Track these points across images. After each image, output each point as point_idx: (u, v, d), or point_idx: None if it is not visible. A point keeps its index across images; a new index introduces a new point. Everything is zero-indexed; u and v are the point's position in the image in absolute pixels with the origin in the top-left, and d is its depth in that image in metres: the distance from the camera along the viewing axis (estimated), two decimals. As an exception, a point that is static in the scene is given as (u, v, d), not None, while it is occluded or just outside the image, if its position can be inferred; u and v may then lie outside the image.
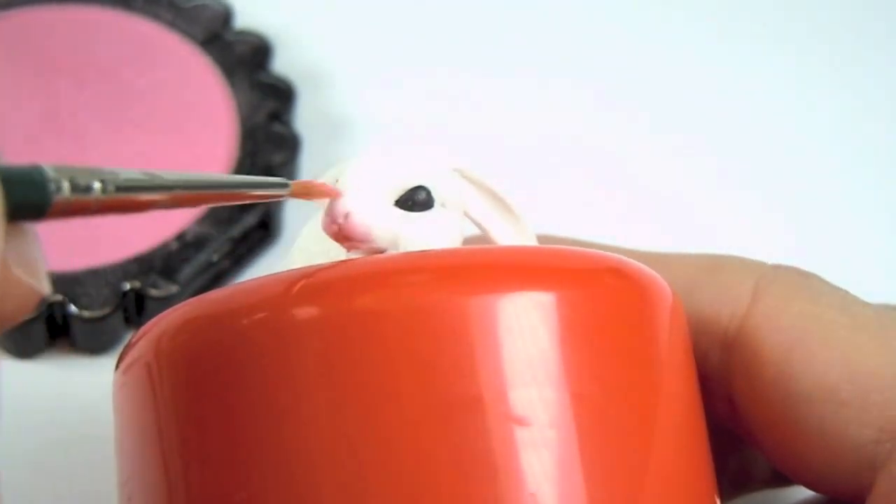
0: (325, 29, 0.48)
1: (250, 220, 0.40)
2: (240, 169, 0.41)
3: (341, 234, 0.25)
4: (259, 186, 0.25)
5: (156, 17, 0.45)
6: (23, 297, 0.21)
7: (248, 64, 0.44)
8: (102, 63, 0.43)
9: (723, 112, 0.47)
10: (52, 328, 0.39)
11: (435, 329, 0.23)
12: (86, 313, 0.38)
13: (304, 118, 0.44)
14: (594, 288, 0.24)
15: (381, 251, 0.26)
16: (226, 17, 0.45)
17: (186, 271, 0.39)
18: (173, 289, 0.39)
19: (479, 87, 0.47)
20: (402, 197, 0.26)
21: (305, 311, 0.23)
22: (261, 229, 0.41)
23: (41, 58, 0.43)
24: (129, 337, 0.39)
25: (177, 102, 0.43)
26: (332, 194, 0.26)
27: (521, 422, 0.22)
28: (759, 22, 0.50)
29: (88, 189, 0.21)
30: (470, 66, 0.47)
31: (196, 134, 0.42)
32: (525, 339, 0.23)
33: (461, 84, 0.47)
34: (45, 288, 0.21)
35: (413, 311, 0.23)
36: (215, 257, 0.40)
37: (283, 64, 0.45)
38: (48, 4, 0.45)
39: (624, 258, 0.26)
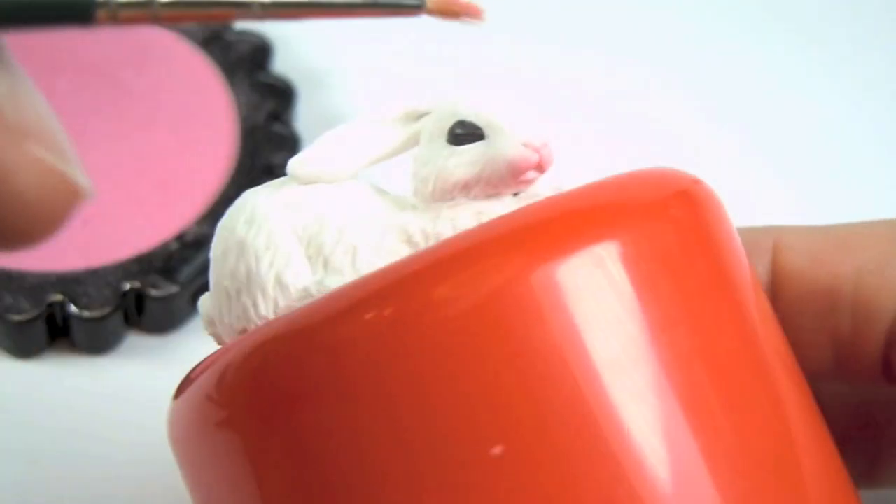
0: (325, 29, 0.48)
1: (250, 220, 0.41)
2: (240, 168, 0.41)
3: (538, 164, 0.24)
4: (390, 5, 0.23)
5: (156, 17, 0.45)
6: (52, 183, 0.19)
7: (248, 64, 0.44)
8: (102, 63, 0.43)
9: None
10: (52, 328, 0.39)
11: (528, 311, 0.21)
12: (86, 313, 0.38)
13: (304, 118, 0.44)
14: (665, 219, 0.24)
15: (526, 187, 0.24)
16: (226, 17, 0.45)
17: (186, 271, 0.39)
18: (173, 289, 0.39)
19: (479, 86, 0.47)
20: None
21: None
22: (261, 229, 0.41)
23: (41, 58, 0.43)
24: (128, 337, 0.40)
25: (177, 102, 0.43)
26: (473, 11, 0.24)
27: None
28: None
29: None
30: (470, 65, 0.47)
31: (196, 134, 0.42)
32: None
33: (461, 84, 0.47)
34: (88, 185, 0.19)
35: (500, 297, 0.21)
36: (215, 257, 0.40)
37: (283, 64, 0.45)
38: (48, 4, 0.45)
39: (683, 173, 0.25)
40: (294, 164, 0.25)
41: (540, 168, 0.24)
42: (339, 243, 0.24)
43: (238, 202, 0.26)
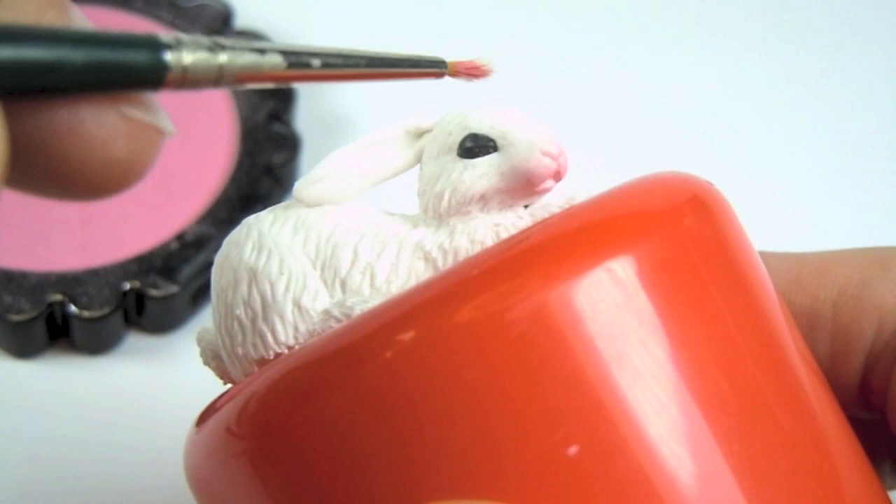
0: (324, 29, 0.48)
1: (250, 220, 0.41)
2: (240, 168, 0.41)
3: (556, 173, 0.24)
4: (415, 65, 0.24)
5: (156, 17, 0.45)
6: (139, 139, 0.20)
7: (248, 64, 0.44)
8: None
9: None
10: (52, 328, 0.39)
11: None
12: (86, 313, 0.38)
13: (304, 118, 0.44)
14: (679, 226, 0.23)
15: (540, 197, 0.24)
16: (226, 17, 0.45)
17: (186, 271, 0.39)
18: (173, 289, 0.39)
19: (479, 85, 0.47)
20: None
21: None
22: (261, 229, 0.41)
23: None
24: (128, 337, 0.40)
25: (177, 102, 0.43)
26: (486, 72, 0.25)
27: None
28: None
29: (211, 65, 0.20)
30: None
31: (196, 134, 0.42)
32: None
33: (462, 83, 0.47)
34: (168, 126, 0.21)
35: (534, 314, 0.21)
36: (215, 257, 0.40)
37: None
38: (48, 4, 0.45)
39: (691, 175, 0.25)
40: (299, 186, 0.25)
41: (557, 176, 0.24)
42: (355, 264, 0.24)
43: (239, 230, 0.25)
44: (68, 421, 0.38)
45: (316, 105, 0.45)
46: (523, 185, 0.24)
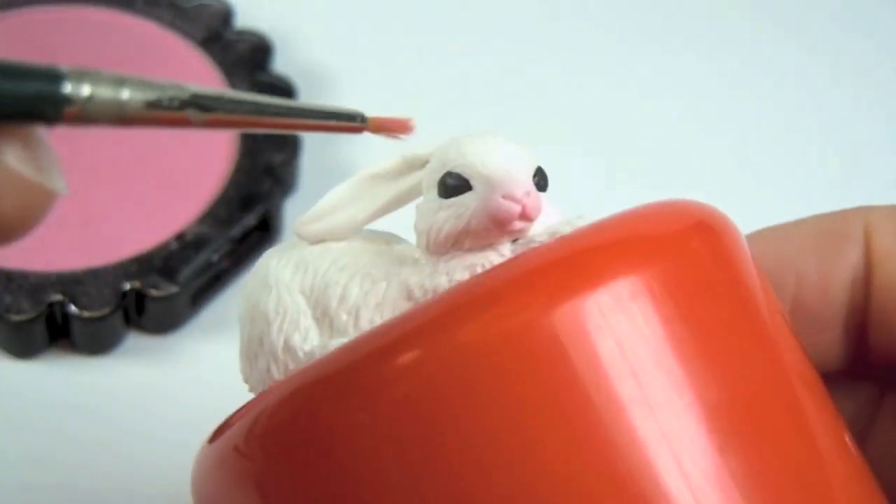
0: (325, 29, 0.48)
1: (250, 220, 0.40)
2: (240, 168, 0.41)
3: (523, 214, 0.23)
4: (334, 117, 0.23)
5: (156, 17, 0.45)
6: (27, 196, 0.19)
7: (248, 64, 0.44)
8: (103, 63, 0.43)
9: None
10: (52, 328, 0.39)
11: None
12: (86, 313, 0.38)
13: (304, 118, 0.44)
14: (686, 250, 0.23)
15: (522, 235, 0.24)
16: (226, 16, 0.45)
17: (186, 271, 0.39)
18: (173, 289, 0.39)
19: (479, 86, 0.47)
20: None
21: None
22: (261, 229, 0.41)
23: (41, 58, 0.43)
24: (128, 337, 0.40)
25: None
26: (407, 128, 0.24)
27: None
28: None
29: (112, 100, 0.19)
30: (471, 65, 0.47)
31: (196, 134, 0.42)
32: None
33: (462, 84, 0.47)
34: (59, 185, 0.20)
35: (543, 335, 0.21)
36: (215, 257, 0.40)
37: (283, 64, 0.45)
38: (49, 5, 0.45)
39: (695, 203, 0.25)
40: (298, 225, 0.25)
41: (525, 217, 0.23)
42: (342, 303, 0.24)
43: (257, 265, 0.26)
44: (68, 421, 0.38)
45: (316, 105, 0.45)
46: (491, 228, 0.23)
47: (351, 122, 0.23)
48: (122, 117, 0.20)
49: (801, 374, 0.24)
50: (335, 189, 0.25)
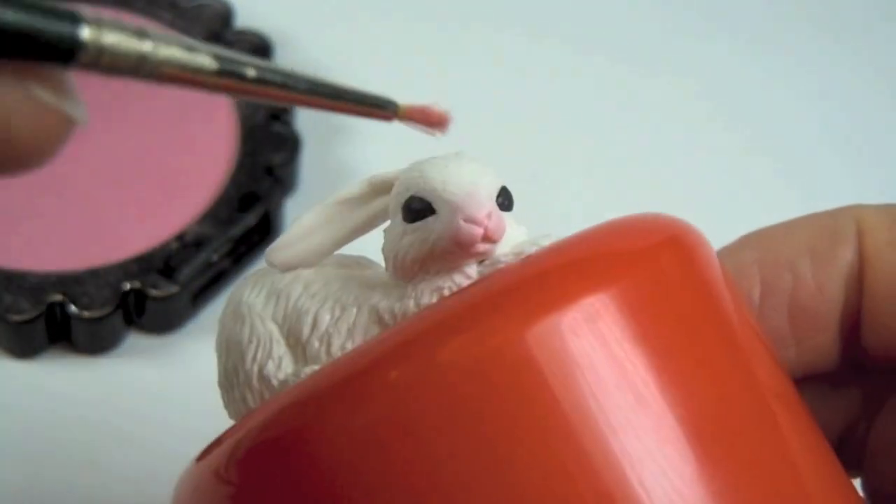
0: (325, 29, 0.48)
1: (250, 220, 0.40)
2: (240, 168, 0.41)
3: (485, 236, 0.23)
4: (362, 100, 0.22)
5: (156, 17, 0.45)
6: (46, 122, 0.19)
7: (248, 64, 0.44)
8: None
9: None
10: (53, 328, 0.39)
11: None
12: (86, 313, 0.38)
13: (304, 118, 0.44)
14: (658, 263, 0.23)
15: (487, 257, 0.24)
16: (226, 16, 0.45)
17: (186, 271, 0.39)
18: (173, 289, 0.39)
19: (479, 86, 0.47)
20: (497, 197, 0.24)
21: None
22: (261, 229, 0.41)
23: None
24: (128, 337, 0.40)
25: (177, 102, 0.43)
26: (441, 122, 0.24)
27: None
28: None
29: (133, 48, 0.19)
30: (471, 66, 0.47)
31: (196, 133, 0.42)
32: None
33: (462, 83, 0.47)
34: (79, 114, 0.19)
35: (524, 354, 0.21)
36: (215, 257, 0.40)
37: (283, 64, 0.45)
38: (48, 4, 0.45)
39: (667, 217, 0.25)
40: (270, 253, 0.25)
41: (488, 239, 0.23)
42: (314, 330, 0.24)
43: (230, 295, 0.26)
44: (68, 421, 0.38)
45: (316, 105, 0.45)
46: (454, 251, 0.23)
47: (381, 109, 0.23)
48: (141, 69, 0.19)
49: (774, 387, 0.25)
50: (304, 216, 0.25)
